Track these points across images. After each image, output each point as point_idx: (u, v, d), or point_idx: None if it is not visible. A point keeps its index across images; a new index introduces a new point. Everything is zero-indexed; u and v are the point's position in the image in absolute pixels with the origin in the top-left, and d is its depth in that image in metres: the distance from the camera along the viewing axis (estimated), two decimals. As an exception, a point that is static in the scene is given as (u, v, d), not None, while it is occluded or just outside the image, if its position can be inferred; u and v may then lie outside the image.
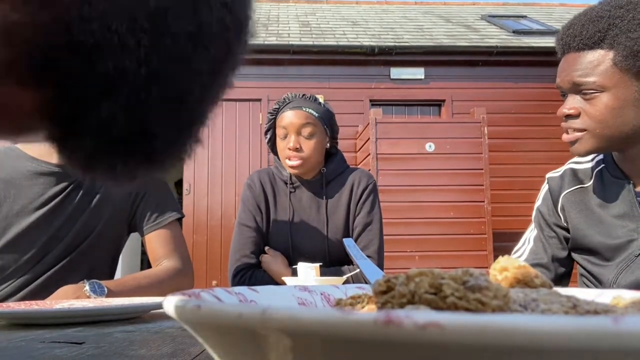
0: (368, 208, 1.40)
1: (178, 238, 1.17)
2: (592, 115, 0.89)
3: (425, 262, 4.13)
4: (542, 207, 1.11)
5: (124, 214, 1.15)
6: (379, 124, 4.31)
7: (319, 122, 1.36)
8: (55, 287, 0.96)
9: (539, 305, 0.20)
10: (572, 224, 1.04)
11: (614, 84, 0.86)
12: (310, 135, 1.34)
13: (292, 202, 1.40)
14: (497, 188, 4.33)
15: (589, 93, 0.89)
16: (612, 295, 0.29)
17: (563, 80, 0.93)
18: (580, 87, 0.89)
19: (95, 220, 1.10)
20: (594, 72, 0.87)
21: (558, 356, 0.14)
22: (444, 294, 0.18)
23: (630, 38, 0.83)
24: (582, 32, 0.88)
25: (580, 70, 0.89)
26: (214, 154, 5.31)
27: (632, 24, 0.84)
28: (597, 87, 0.87)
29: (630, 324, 0.13)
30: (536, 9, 8.44)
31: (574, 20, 0.92)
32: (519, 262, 0.27)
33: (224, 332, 0.19)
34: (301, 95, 1.39)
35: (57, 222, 1.06)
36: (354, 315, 0.15)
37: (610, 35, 0.85)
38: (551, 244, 1.08)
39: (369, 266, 0.48)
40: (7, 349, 0.47)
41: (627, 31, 0.84)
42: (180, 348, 0.46)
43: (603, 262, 0.99)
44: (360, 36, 5.99)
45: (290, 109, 1.36)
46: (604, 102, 0.88)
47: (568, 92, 0.93)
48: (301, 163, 1.34)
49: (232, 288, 0.32)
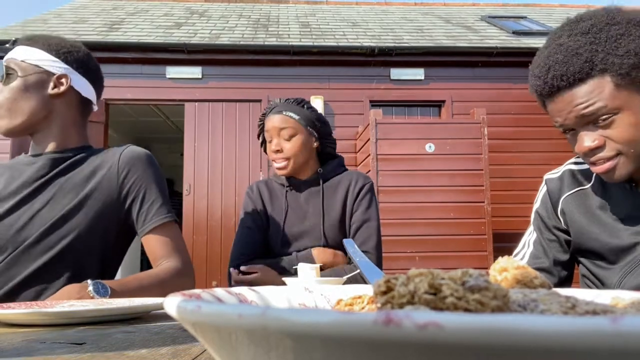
0: (365, 205, 1.43)
1: (177, 238, 1.16)
2: (620, 139, 0.86)
3: (425, 262, 4.13)
4: (541, 209, 1.08)
5: (114, 211, 1.14)
6: (379, 125, 4.31)
7: (299, 124, 1.42)
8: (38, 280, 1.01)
9: (538, 306, 0.20)
10: (574, 227, 1.02)
11: (625, 102, 0.84)
12: (290, 137, 1.42)
13: (287, 201, 1.46)
14: (497, 189, 4.33)
15: (605, 119, 0.85)
16: (611, 295, 0.29)
17: (568, 118, 0.88)
18: (591, 117, 0.86)
19: (78, 213, 1.10)
20: (601, 98, 0.84)
21: (557, 356, 0.14)
22: (443, 295, 0.18)
23: (618, 56, 0.81)
24: (567, 70, 0.85)
25: (584, 103, 0.85)
26: (214, 155, 5.31)
27: (611, 44, 0.82)
28: (610, 111, 0.84)
29: (629, 324, 0.13)
30: (536, 10, 8.45)
31: (547, 62, 0.88)
32: (519, 262, 0.27)
33: (224, 333, 0.19)
34: (285, 100, 1.47)
35: (36, 206, 1.08)
36: (354, 315, 0.15)
37: (598, 61, 0.82)
38: (552, 247, 1.05)
39: (368, 266, 0.48)
40: (8, 349, 0.47)
41: (612, 51, 0.82)
42: (181, 348, 0.46)
43: (607, 265, 0.97)
44: (360, 37, 5.99)
45: (273, 114, 1.44)
46: (625, 121, 0.85)
47: (577, 127, 0.89)
48: (285, 164, 1.42)
49: (232, 288, 0.32)
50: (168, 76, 5.38)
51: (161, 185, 1.20)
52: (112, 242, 1.17)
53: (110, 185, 1.14)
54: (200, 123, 5.35)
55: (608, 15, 0.85)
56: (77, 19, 6.59)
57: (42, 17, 6.70)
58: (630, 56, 0.81)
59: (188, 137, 5.33)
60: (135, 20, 6.56)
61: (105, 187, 1.13)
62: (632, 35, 0.82)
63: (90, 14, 6.87)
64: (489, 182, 4.27)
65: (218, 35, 5.85)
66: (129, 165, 1.16)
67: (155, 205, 1.15)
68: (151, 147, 8.34)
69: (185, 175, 5.28)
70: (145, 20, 6.54)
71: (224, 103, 5.41)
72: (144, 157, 1.19)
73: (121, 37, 5.55)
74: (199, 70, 5.40)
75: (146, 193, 1.16)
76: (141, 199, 1.15)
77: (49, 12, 7.08)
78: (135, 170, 1.16)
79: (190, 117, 5.37)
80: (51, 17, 6.70)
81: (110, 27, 6.09)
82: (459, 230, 4.22)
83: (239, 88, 5.42)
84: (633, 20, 0.83)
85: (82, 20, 6.52)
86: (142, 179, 1.16)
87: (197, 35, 5.78)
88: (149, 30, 5.96)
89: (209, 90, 5.39)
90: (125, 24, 6.28)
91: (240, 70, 5.44)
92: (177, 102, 5.42)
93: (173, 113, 6.86)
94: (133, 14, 6.97)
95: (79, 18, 6.64)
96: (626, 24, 0.83)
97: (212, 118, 5.38)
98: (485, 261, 4.12)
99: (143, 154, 1.20)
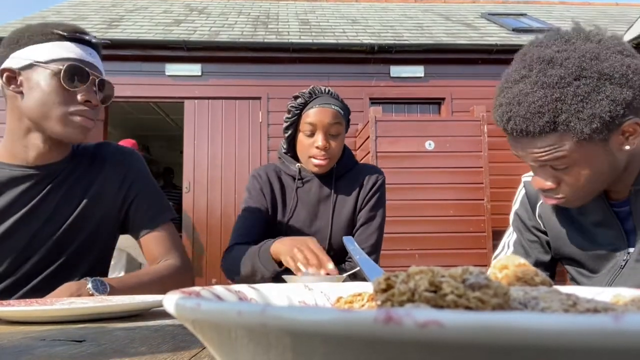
0: (373, 203, 1.40)
1: (174, 237, 1.16)
2: (572, 184, 0.86)
3: (425, 260, 4.13)
4: (521, 210, 1.08)
5: (113, 217, 1.13)
6: (379, 122, 4.31)
7: (343, 120, 1.34)
8: (44, 292, 0.94)
9: (539, 303, 0.20)
10: (552, 232, 1.01)
11: (584, 155, 0.81)
12: (337, 134, 1.32)
13: (298, 195, 1.38)
14: (497, 186, 4.33)
15: (562, 167, 0.84)
16: (612, 293, 0.29)
17: (526, 157, 0.87)
18: (548, 163, 0.84)
19: (82, 223, 1.08)
20: (559, 151, 0.81)
21: (558, 354, 0.14)
22: (443, 292, 0.18)
23: (582, 120, 0.77)
24: (527, 127, 0.81)
25: (543, 153, 0.83)
26: (214, 152, 5.31)
27: (577, 104, 0.78)
28: (569, 162, 0.83)
29: (631, 322, 0.13)
30: (536, 7, 8.43)
31: (507, 110, 0.83)
32: (519, 260, 0.27)
33: (223, 331, 0.19)
34: (328, 90, 1.35)
35: (36, 224, 1.03)
36: (354, 313, 0.15)
37: (560, 122, 0.79)
38: (533, 248, 1.05)
39: (368, 264, 0.48)
40: (8, 346, 0.47)
41: (577, 113, 0.78)
42: (181, 346, 0.46)
43: (589, 273, 0.97)
44: (360, 34, 5.98)
45: (319, 106, 1.30)
46: (580, 172, 0.84)
47: (534, 165, 0.89)
48: (327, 162, 1.31)
49: (232, 286, 0.32)
50: (167, 73, 5.37)
51: (154, 183, 1.20)
52: (110, 244, 1.17)
53: (109, 191, 1.12)
54: (199, 120, 5.35)
55: (580, 66, 0.79)
56: (76, 16, 6.58)
57: (41, 14, 6.69)
58: (594, 121, 0.77)
59: (187, 134, 5.33)
60: (135, 17, 6.55)
61: (105, 194, 1.12)
62: (601, 95, 0.77)
63: (90, 11, 6.86)
64: (488, 180, 4.27)
65: (217, 32, 5.84)
66: (125, 168, 1.15)
67: (152, 206, 1.15)
68: (151, 145, 8.34)
69: (185, 173, 5.27)
70: (144, 18, 6.52)
71: (224, 100, 5.40)
72: (135, 157, 1.19)
73: (120, 35, 5.54)
74: (198, 67, 5.39)
75: (143, 194, 1.15)
76: (137, 203, 1.14)
77: (48, 10, 7.07)
78: (131, 173, 1.15)
79: (189, 115, 5.36)
80: (50, 14, 6.69)
81: (110, 24, 6.07)
82: (458, 228, 4.23)
83: (239, 85, 5.42)
84: (605, 75, 0.78)
85: (81, 17, 6.51)
86: (138, 180, 1.16)
87: (197, 33, 5.77)
88: (148, 28, 5.95)
89: (209, 88, 5.38)
90: (125, 21, 6.27)
91: (240, 67, 5.43)
92: (176, 99, 5.42)
93: (172, 110, 6.85)
94: (132, 11, 6.96)
95: (78, 15, 6.63)
96: (597, 79, 0.78)
97: (212, 115, 5.37)
98: (484, 259, 4.12)
99: (131, 152, 1.19)
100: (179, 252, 1.14)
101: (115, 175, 1.13)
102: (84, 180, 1.10)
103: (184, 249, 1.18)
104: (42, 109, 1.00)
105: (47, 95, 0.99)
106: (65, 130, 1.01)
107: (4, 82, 1.00)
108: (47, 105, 0.99)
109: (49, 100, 0.99)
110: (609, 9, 8.43)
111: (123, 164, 1.15)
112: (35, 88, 0.99)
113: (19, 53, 1.00)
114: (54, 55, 1.00)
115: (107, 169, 1.13)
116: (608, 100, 0.77)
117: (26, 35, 1.01)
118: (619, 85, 0.77)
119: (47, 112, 1.00)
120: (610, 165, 0.84)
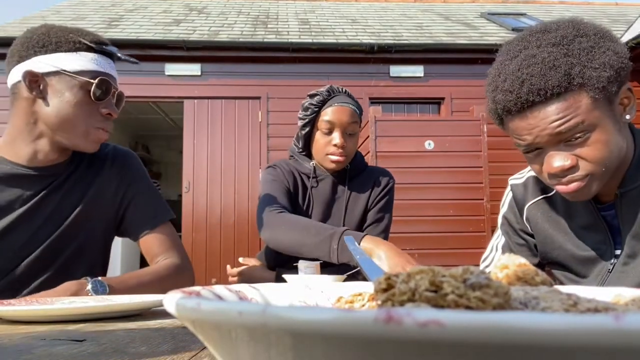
0: (382, 205, 1.41)
1: (174, 236, 1.16)
2: (593, 158, 0.81)
3: (425, 259, 4.13)
4: (508, 214, 1.07)
5: (111, 218, 1.13)
6: (378, 122, 4.31)
7: (359, 119, 1.36)
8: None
9: (539, 303, 0.20)
10: (540, 236, 1.00)
11: (600, 118, 0.79)
12: (353, 133, 1.34)
13: (312, 194, 1.38)
14: (497, 186, 4.32)
15: (580, 137, 0.80)
16: (613, 293, 0.29)
17: (540, 136, 0.82)
18: (566, 134, 0.80)
19: (80, 224, 1.07)
20: (578, 114, 0.78)
21: (559, 354, 0.14)
22: (444, 292, 0.18)
23: (594, 69, 0.77)
24: (545, 84, 0.78)
25: (561, 119, 0.79)
26: (213, 152, 5.31)
27: (587, 55, 0.77)
28: (587, 128, 0.79)
29: (631, 321, 0.13)
30: (535, 7, 8.44)
31: (519, 74, 0.80)
32: (520, 259, 0.27)
33: (224, 330, 0.19)
34: (343, 90, 1.36)
35: (35, 223, 1.03)
36: (355, 313, 0.15)
37: (575, 74, 0.77)
38: (521, 252, 1.04)
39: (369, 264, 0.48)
40: (8, 346, 0.47)
41: (588, 64, 0.77)
42: (181, 345, 0.46)
43: (577, 278, 0.97)
44: (359, 34, 5.98)
45: (338, 104, 1.32)
46: (598, 139, 0.80)
47: (548, 145, 0.83)
48: (343, 160, 1.33)
49: (232, 285, 0.32)
50: (167, 73, 5.37)
51: (151, 183, 1.20)
52: (109, 244, 1.18)
53: (107, 193, 1.12)
54: (199, 120, 5.35)
55: (574, 27, 0.80)
56: (76, 15, 6.58)
57: (40, 14, 6.68)
58: (606, 69, 0.77)
59: (187, 134, 5.32)
60: (134, 17, 6.54)
61: (103, 195, 1.12)
62: (603, 48, 0.78)
63: (89, 11, 6.85)
64: (488, 180, 4.27)
65: (217, 32, 5.84)
66: (122, 169, 1.14)
67: (150, 207, 1.15)
68: (150, 145, 8.34)
69: (185, 173, 5.27)
70: (143, 17, 6.52)
71: (223, 100, 5.40)
72: (133, 158, 1.19)
73: (120, 34, 5.54)
74: (198, 67, 5.39)
75: (140, 195, 1.15)
76: (134, 204, 1.14)
77: (47, 9, 7.06)
78: (128, 174, 1.15)
79: (189, 115, 5.36)
80: (50, 14, 6.68)
81: (109, 24, 6.07)
82: (458, 228, 4.23)
83: (238, 85, 5.42)
84: (599, 33, 0.79)
85: (80, 17, 6.50)
86: (135, 181, 1.16)
87: (196, 32, 5.77)
88: (147, 27, 5.95)
89: (208, 88, 5.38)
90: (124, 21, 6.27)
91: (240, 67, 5.43)
92: (176, 99, 5.42)
93: (172, 110, 6.85)
94: (132, 10, 6.95)
95: (78, 15, 6.63)
96: (594, 36, 0.79)
97: (211, 115, 5.37)
98: (484, 258, 4.12)
99: (129, 153, 1.19)
100: (178, 252, 1.14)
101: (113, 176, 1.13)
102: (83, 181, 1.10)
103: (184, 249, 1.18)
104: (64, 119, 0.99)
105: (72, 106, 0.99)
106: (85, 143, 1.02)
107: (27, 84, 0.98)
108: (70, 116, 0.99)
109: (72, 112, 0.99)
110: (608, 9, 8.43)
111: (121, 165, 1.15)
112: (59, 96, 0.98)
113: (44, 58, 0.98)
114: (83, 66, 0.99)
115: (106, 170, 1.13)
116: (611, 51, 0.78)
117: (53, 41, 0.99)
118: (614, 42, 0.80)
119: (69, 123, 0.99)
120: (622, 138, 0.83)
